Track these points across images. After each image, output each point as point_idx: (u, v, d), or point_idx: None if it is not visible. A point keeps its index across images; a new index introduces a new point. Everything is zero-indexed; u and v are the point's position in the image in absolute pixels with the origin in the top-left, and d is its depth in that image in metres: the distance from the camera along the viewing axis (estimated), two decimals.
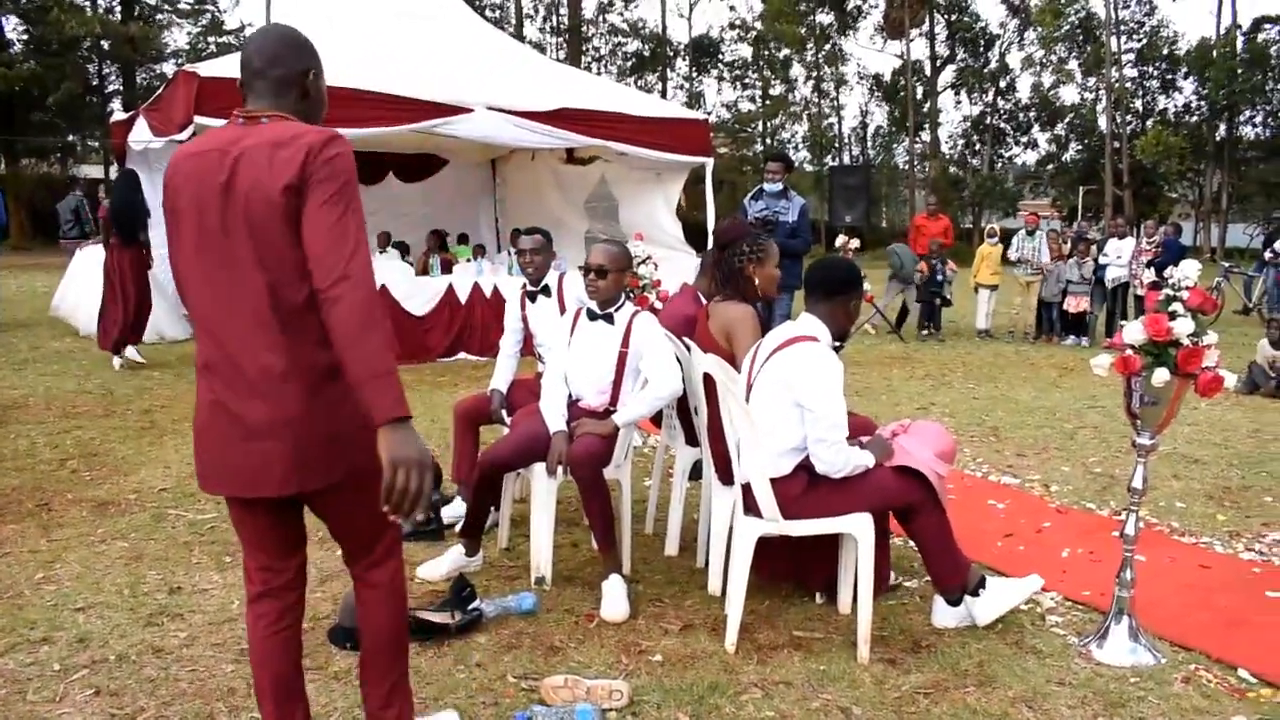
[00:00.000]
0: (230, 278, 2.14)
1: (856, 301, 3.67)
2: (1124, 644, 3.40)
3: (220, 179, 2.11)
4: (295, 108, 2.25)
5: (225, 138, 2.17)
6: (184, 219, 2.19)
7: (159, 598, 3.78)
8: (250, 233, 2.09)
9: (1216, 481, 5.72)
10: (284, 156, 2.07)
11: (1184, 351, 3.23)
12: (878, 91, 44.33)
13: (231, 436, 2.17)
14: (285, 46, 2.28)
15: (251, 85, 2.25)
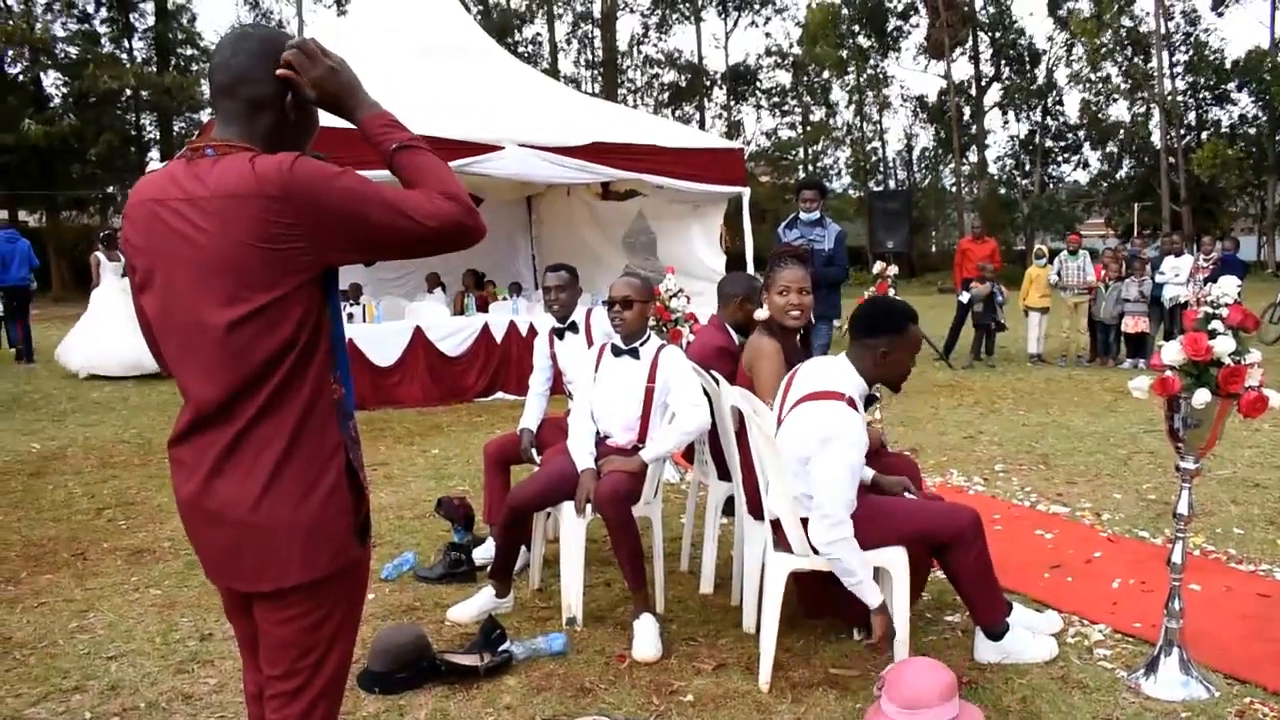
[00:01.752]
0: (175, 353, 1.84)
1: (891, 350, 3.31)
2: (1175, 677, 3.27)
3: (165, 238, 1.77)
4: (270, 133, 1.84)
5: (171, 181, 1.78)
6: (149, 282, 1.83)
7: (190, 644, 3.78)
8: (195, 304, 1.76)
9: (1278, 506, 5.51)
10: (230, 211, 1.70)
11: (1225, 371, 3.11)
12: (922, 113, 44.07)
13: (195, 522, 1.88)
14: (257, 59, 1.81)
15: (217, 107, 1.84)
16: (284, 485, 1.78)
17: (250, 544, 1.81)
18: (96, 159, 31.53)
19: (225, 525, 1.81)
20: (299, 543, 1.80)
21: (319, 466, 1.81)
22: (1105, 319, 12.58)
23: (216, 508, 1.80)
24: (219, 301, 1.73)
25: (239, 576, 1.85)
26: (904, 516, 3.40)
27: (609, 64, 42.06)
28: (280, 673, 1.88)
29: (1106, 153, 40.26)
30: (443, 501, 4.98)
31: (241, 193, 1.70)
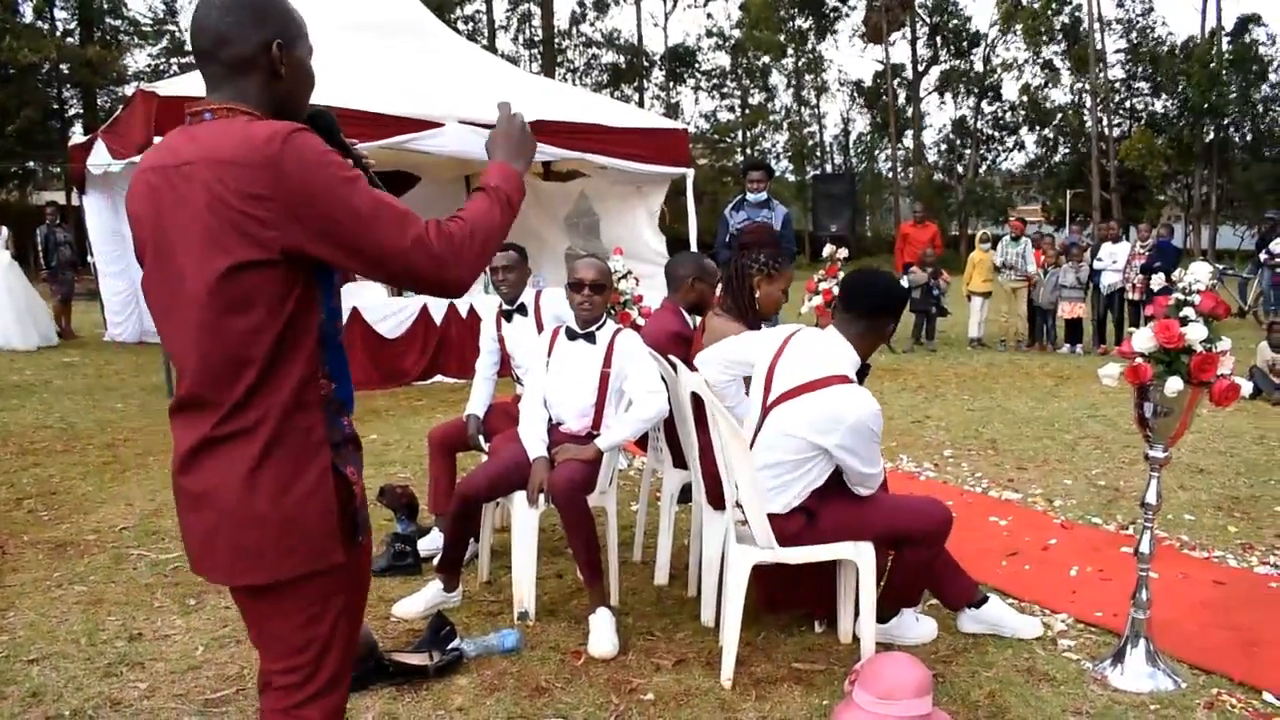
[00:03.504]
0: (166, 328, 1.77)
1: (894, 326, 3.44)
2: (1142, 669, 3.23)
3: (161, 206, 1.70)
4: (262, 94, 1.76)
5: (170, 149, 1.73)
6: (143, 252, 1.78)
7: (118, 645, 3.56)
8: (177, 279, 1.70)
9: (1225, 491, 5.55)
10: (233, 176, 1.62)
11: (1197, 359, 3.06)
12: (859, 98, 44.28)
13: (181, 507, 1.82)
14: (236, 16, 1.72)
15: (203, 72, 1.77)
16: (263, 477, 1.71)
17: (226, 534, 1.74)
18: (16, 134, 30.37)
19: (204, 510, 1.75)
20: (273, 539, 1.73)
21: (301, 462, 1.74)
22: (1043, 304, 12.71)
23: (197, 490, 1.75)
24: (202, 269, 1.66)
25: (215, 567, 1.79)
26: (882, 513, 3.32)
27: (548, 43, 41.65)
28: (281, 668, 1.84)
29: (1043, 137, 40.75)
30: (385, 490, 4.79)
31: (228, 157, 1.63)
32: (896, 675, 2.75)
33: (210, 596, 4.02)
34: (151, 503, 5.41)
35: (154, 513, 5.22)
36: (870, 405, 3.10)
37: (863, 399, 3.11)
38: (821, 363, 3.20)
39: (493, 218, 1.82)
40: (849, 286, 3.35)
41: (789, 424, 3.18)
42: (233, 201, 1.62)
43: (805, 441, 3.15)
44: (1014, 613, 3.64)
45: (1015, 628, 3.57)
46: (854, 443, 3.11)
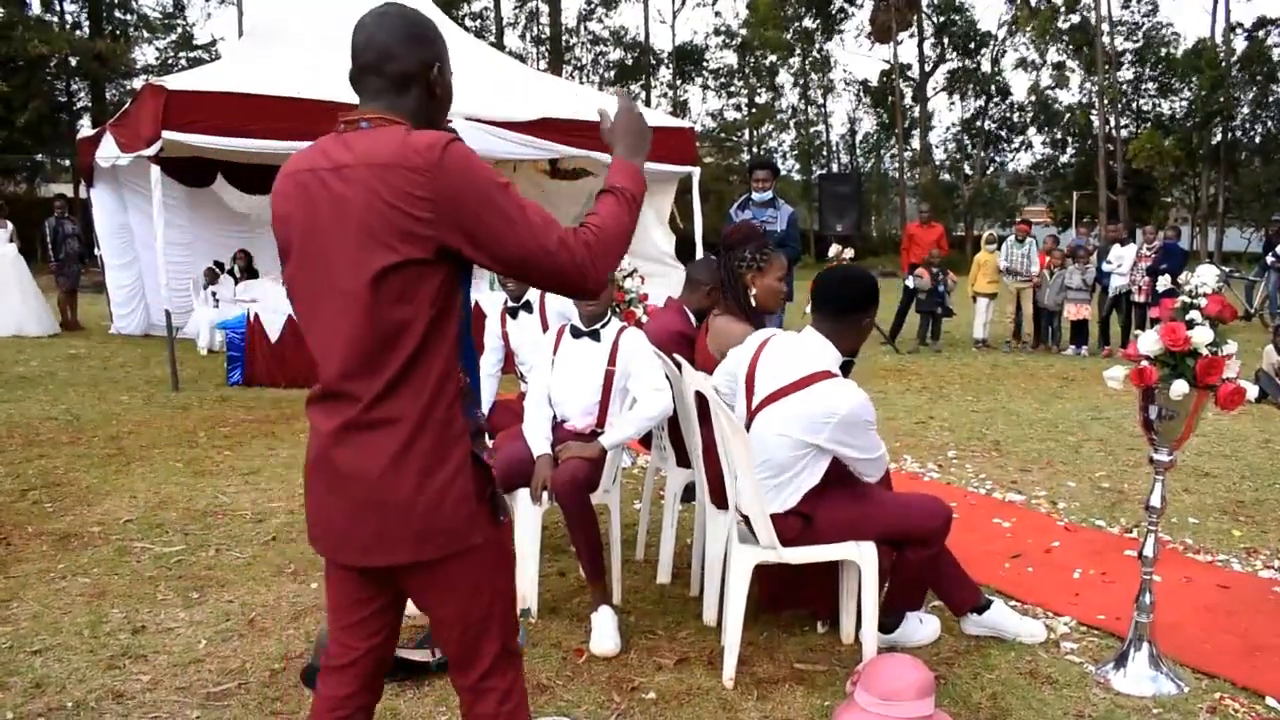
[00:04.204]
0: (323, 318, 1.84)
1: (870, 319, 3.35)
2: (1145, 672, 3.22)
3: (320, 205, 1.79)
4: (416, 109, 1.89)
5: (327, 151, 1.82)
6: (291, 253, 1.88)
7: (121, 638, 3.56)
8: (341, 272, 1.78)
9: (1229, 495, 5.53)
10: (396, 192, 1.72)
11: (1203, 362, 3.04)
12: (865, 97, 44.19)
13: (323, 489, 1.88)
14: (403, 35, 1.87)
15: (362, 82, 1.89)
16: (409, 463, 1.80)
17: (367, 518, 1.82)
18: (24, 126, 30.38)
19: (345, 495, 1.83)
20: (415, 523, 1.82)
21: (443, 450, 1.83)
22: (1049, 306, 12.69)
23: (339, 476, 1.83)
24: (359, 265, 1.75)
25: (349, 549, 1.87)
26: (881, 512, 3.31)
27: (555, 40, 41.63)
28: (456, 655, 1.96)
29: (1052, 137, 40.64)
30: None
31: (388, 162, 1.73)
32: (898, 677, 2.75)
33: (213, 590, 4.03)
34: (156, 495, 5.42)
35: (158, 505, 5.23)
36: (858, 395, 3.09)
37: (850, 390, 3.10)
38: (803, 361, 3.19)
39: (622, 220, 1.91)
40: (817, 287, 3.35)
41: (779, 425, 3.16)
42: (394, 203, 1.72)
43: (797, 441, 3.13)
44: (1018, 617, 3.63)
45: (1018, 632, 3.56)
46: (848, 435, 3.10)
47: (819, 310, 3.29)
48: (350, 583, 1.97)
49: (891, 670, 2.78)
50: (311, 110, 9.08)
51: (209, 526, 4.90)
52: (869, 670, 2.83)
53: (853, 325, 3.27)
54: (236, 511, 5.16)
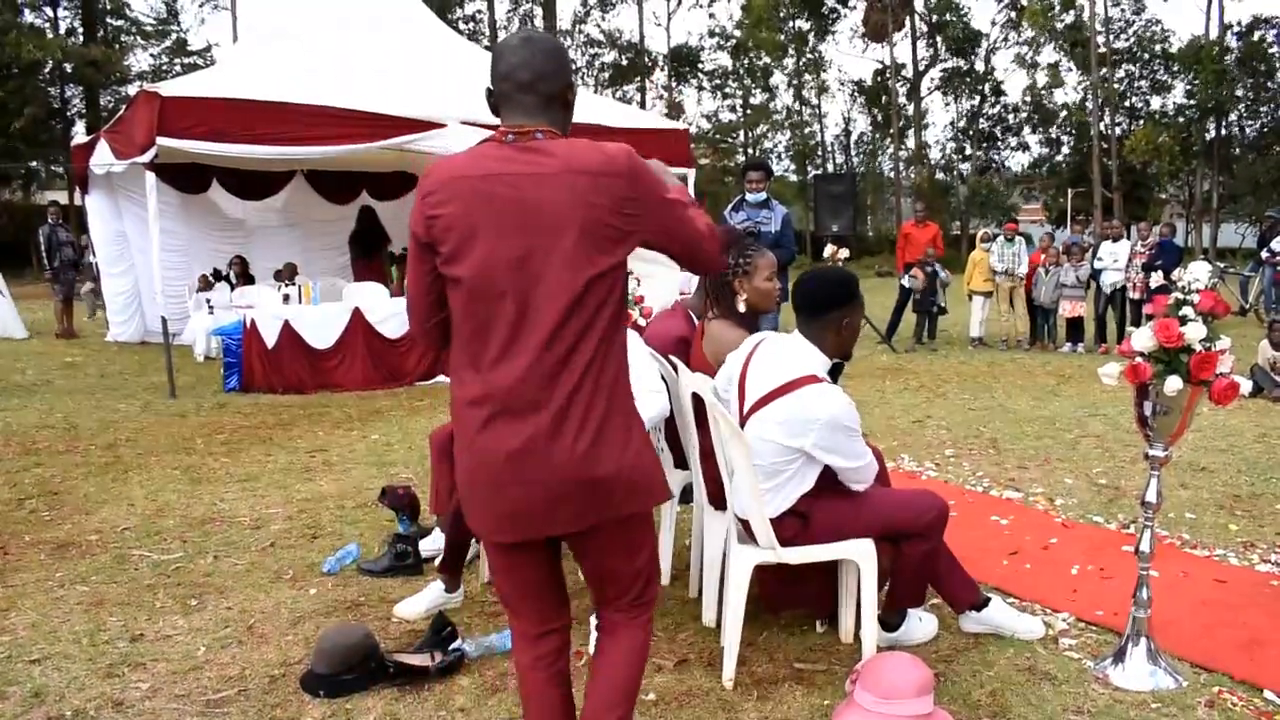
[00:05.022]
0: (522, 308, 2.02)
1: (851, 317, 3.29)
2: (1143, 667, 3.22)
3: (511, 206, 2.00)
4: (559, 123, 2.13)
5: (506, 158, 2.04)
6: (471, 251, 2.02)
7: (120, 646, 3.57)
8: (545, 265, 2.00)
9: (1226, 490, 5.54)
10: (592, 184, 2.00)
11: (1196, 358, 3.05)
12: (859, 97, 44.21)
13: (519, 476, 2.06)
14: (552, 59, 2.13)
15: (514, 99, 2.11)
16: (609, 440, 2.06)
17: (577, 495, 2.05)
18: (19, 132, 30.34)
19: (553, 480, 2.03)
20: (620, 490, 2.09)
21: (631, 423, 2.13)
22: (1044, 303, 12.71)
23: (549, 463, 2.02)
24: (575, 267, 1.99)
25: (554, 524, 2.10)
26: (875, 509, 3.31)
27: None
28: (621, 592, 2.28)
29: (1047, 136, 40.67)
30: (387, 491, 4.80)
31: (596, 169, 2.00)
32: (898, 675, 2.75)
33: (211, 597, 4.03)
34: (153, 503, 5.42)
35: (156, 513, 5.23)
36: (839, 400, 3.09)
37: (832, 395, 3.10)
38: (789, 366, 3.19)
39: None
40: (795, 291, 3.33)
41: (765, 430, 3.17)
42: (611, 207, 2.01)
43: (782, 446, 3.14)
44: (1015, 614, 3.63)
45: (1016, 629, 3.57)
46: (831, 441, 3.10)
47: (799, 313, 3.29)
48: (543, 560, 2.25)
49: (891, 669, 2.79)
50: (306, 116, 9.12)
51: (207, 534, 4.90)
52: (868, 669, 2.83)
53: (831, 325, 3.24)
54: (234, 518, 5.16)
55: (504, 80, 2.11)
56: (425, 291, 2.15)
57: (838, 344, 3.29)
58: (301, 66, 9.82)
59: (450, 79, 10.43)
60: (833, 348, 3.27)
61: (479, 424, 2.05)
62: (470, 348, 2.08)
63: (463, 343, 2.10)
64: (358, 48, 10.26)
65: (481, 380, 2.05)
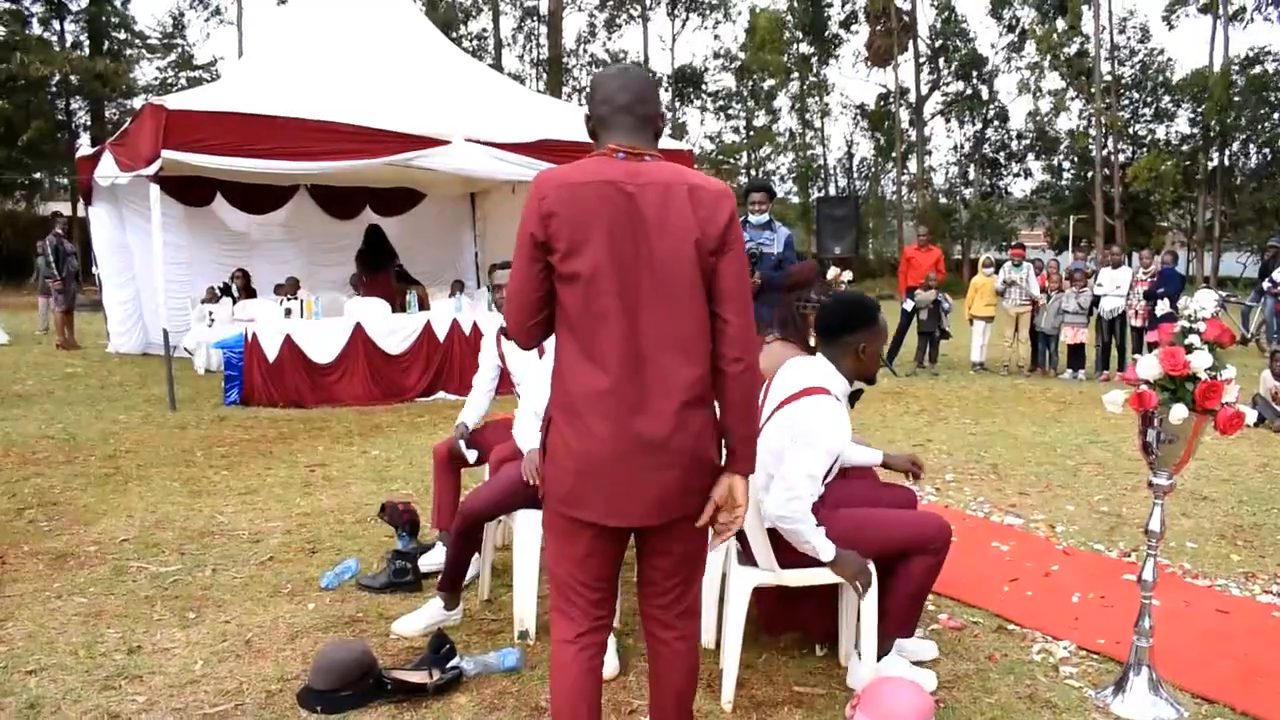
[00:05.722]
0: (640, 305, 2.18)
1: (869, 343, 3.31)
2: (1144, 697, 3.21)
3: (628, 210, 2.16)
4: (652, 145, 2.28)
5: (619, 171, 2.19)
6: (590, 248, 2.16)
7: (117, 658, 3.55)
8: (663, 265, 2.17)
9: (1228, 519, 5.53)
10: (707, 204, 2.19)
11: (1202, 386, 3.05)
12: (863, 121, 44.36)
13: (641, 465, 2.20)
14: (649, 86, 2.32)
15: (614, 120, 2.27)
16: (709, 430, 2.27)
17: (695, 474, 2.25)
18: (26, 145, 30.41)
19: (684, 460, 2.22)
20: (715, 471, 2.30)
21: (714, 417, 2.29)
22: (1046, 329, 12.72)
23: (682, 445, 2.20)
24: (693, 271, 2.18)
25: (666, 509, 2.24)
26: (880, 528, 3.30)
27: (554, 62, 41.75)
28: (682, 577, 2.40)
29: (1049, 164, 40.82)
30: (386, 506, 4.79)
31: (710, 193, 2.22)
32: (898, 701, 2.74)
33: (209, 610, 4.01)
34: (153, 514, 5.41)
35: (155, 525, 5.22)
36: (829, 416, 3.09)
37: (825, 408, 3.11)
38: (804, 379, 3.23)
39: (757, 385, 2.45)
40: (818, 314, 3.39)
41: (770, 439, 3.18)
42: (717, 221, 2.19)
43: (779, 450, 3.14)
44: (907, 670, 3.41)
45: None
46: (799, 441, 3.09)
47: (818, 335, 3.34)
48: (619, 550, 2.36)
49: (892, 694, 2.77)
50: (311, 131, 9.13)
51: (206, 546, 4.89)
52: (869, 694, 2.82)
53: (848, 349, 3.27)
54: (233, 532, 5.14)
55: (603, 103, 2.28)
56: (534, 289, 2.23)
57: (856, 368, 3.30)
58: (306, 82, 9.85)
59: (455, 96, 10.47)
60: (851, 371, 3.29)
61: (604, 411, 2.18)
62: (585, 341, 2.19)
63: (577, 336, 2.21)
64: (363, 64, 10.29)
65: (601, 371, 2.18)
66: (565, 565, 2.35)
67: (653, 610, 2.44)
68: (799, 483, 3.05)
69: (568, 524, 2.29)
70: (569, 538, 2.32)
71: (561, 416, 2.25)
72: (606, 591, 2.39)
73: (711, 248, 2.18)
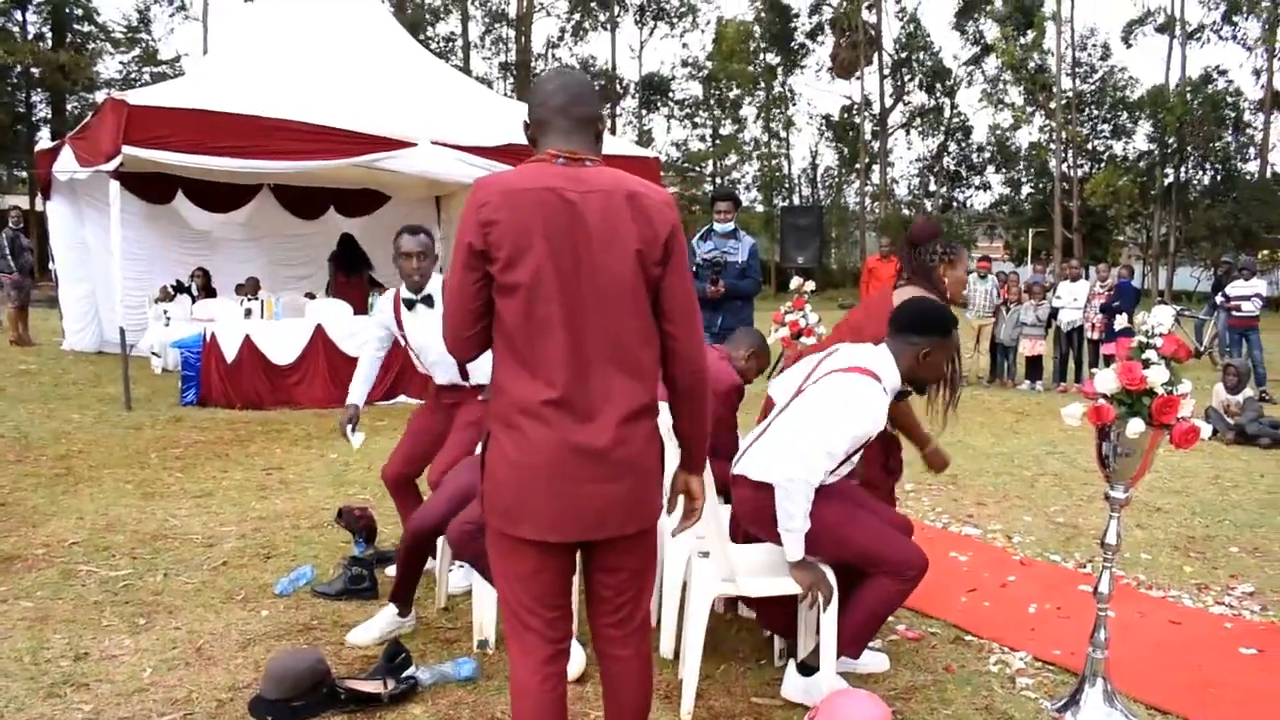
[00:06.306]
0: (581, 315, 2.13)
1: (934, 351, 3.31)
2: (1099, 709, 3.23)
3: (569, 219, 2.11)
4: (592, 150, 2.23)
5: (560, 177, 2.15)
6: (531, 257, 2.11)
7: (63, 665, 3.48)
8: (604, 274, 2.12)
9: (1181, 531, 5.59)
10: (649, 214, 2.15)
11: (1159, 401, 3.08)
12: (827, 131, 44.64)
13: (582, 477, 2.14)
14: (587, 88, 2.26)
15: (552, 124, 2.22)
16: (655, 442, 2.25)
17: (641, 488, 2.21)
18: None
19: (629, 474, 2.18)
20: (660, 484, 2.28)
21: (659, 427, 2.26)
22: (1004, 341, 12.84)
23: (626, 457, 2.16)
24: (635, 280, 2.14)
25: (610, 524, 2.19)
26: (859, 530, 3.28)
27: (522, 66, 41.68)
28: (632, 594, 2.35)
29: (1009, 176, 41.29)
30: (343, 511, 4.74)
31: (653, 200, 2.18)
32: (855, 712, 2.74)
33: (160, 616, 3.94)
34: (104, 517, 5.31)
35: (106, 527, 5.13)
36: (872, 398, 3.11)
37: (871, 391, 3.12)
38: (861, 358, 3.24)
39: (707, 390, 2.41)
40: (900, 311, 3.42)
41: (808, 400, 3.23)
42: (659, 230, 2.16)
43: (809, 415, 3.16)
44: None
45: None
46: (827, 403, 3.11)
47: (891, 328, 3.37)
48: (567, 566, 2.28)
49: (849, 706, 2.77)
50: (275, 130, 9.04)
51: (158, 550, 4.81)
52: (826, 705, 2.81)
53: (913, 349, 3.28)
54: (187, 535, 5.06)
55: (540, 107, 2.22)
56: (472, 299, 2.17)
57: (913, 369, 3.31)
58: (272, 80, 9.75)
59: (421, 98, 10.40)
60: (907, 370, 3.30)
61: (544, 423, 2.13)
62: (525, 352, 2.14)
63: (516, 347, 2.15)
64: (329, 64, 10.21)
65: (541, 383, 2.13)
66: (512, 586, 2.28)
67: (603, 628, 2.38)
68: (815, 454, 3.06)
69: (510, 542, 2.23)
70: (513, 556, 2.24)
71: (500, 429, 2.19)
72: (560, 612, 2.30)
73: (655, 258, 2.15)
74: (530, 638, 2.28)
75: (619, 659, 2.39)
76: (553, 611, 2.28)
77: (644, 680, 2.44)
